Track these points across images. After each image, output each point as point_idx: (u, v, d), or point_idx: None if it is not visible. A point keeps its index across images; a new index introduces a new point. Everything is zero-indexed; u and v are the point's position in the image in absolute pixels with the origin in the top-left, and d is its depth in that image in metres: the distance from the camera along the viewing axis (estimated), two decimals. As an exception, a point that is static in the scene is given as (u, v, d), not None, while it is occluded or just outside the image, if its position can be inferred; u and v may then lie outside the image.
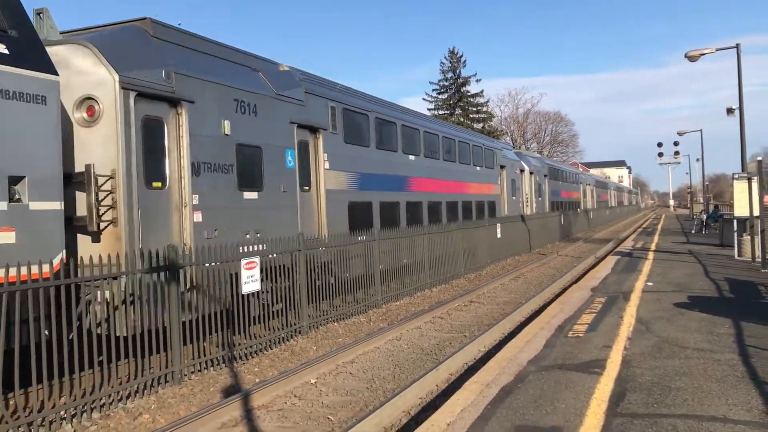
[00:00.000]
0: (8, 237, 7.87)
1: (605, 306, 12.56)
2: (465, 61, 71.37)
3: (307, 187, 14.81)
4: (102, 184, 9.59)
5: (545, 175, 41.90)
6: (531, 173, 37.70)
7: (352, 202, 16.68)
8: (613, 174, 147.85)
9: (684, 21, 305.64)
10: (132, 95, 10.02)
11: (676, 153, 74.22)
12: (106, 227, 9.69)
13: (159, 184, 10.68)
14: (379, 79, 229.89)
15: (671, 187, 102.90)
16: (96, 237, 9.70)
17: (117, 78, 9.80)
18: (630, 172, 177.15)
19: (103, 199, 9.63)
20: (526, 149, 58.51)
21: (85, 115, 9.95)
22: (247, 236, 12.14)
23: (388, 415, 7.73)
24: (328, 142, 15.58)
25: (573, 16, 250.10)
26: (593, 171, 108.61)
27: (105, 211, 9.68)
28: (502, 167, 31.83)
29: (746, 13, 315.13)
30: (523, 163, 36.63)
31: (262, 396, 8.65)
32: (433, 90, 72.16)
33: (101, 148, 9.80)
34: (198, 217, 11.07)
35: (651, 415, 6.23)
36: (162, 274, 9.42)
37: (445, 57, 72.73)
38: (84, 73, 9.89)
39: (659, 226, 48.70)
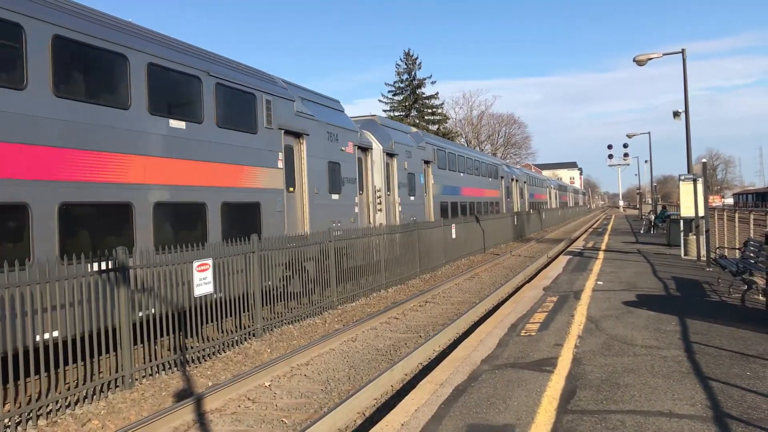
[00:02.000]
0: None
1: (557, 305, 12.78)
2: (420, 63, 71.81)
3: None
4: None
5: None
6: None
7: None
8: (565, 175, 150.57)
9: (629, 28, 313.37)
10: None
11: (626, 155, 76.13)
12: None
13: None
14: (333, 79, 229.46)
15: (621, 188, 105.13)
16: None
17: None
18: (581, 174, 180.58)
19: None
20: (481, 151, 63.00)
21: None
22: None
23: (342, 417, 7.72)
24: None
25: (525, 20, 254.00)
26: (546, 172, 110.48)
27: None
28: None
29: (690, 21, 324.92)
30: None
31: (215, 400, 8.54)
32: (389, 91, 72.28)
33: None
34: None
35: (600, 411, 6.37)
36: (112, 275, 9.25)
37: (400, 59, 73.30)
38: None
39: (609, 227, 49.80)
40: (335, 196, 18.10)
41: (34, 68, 9.17)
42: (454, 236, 26.64)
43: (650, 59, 22.95)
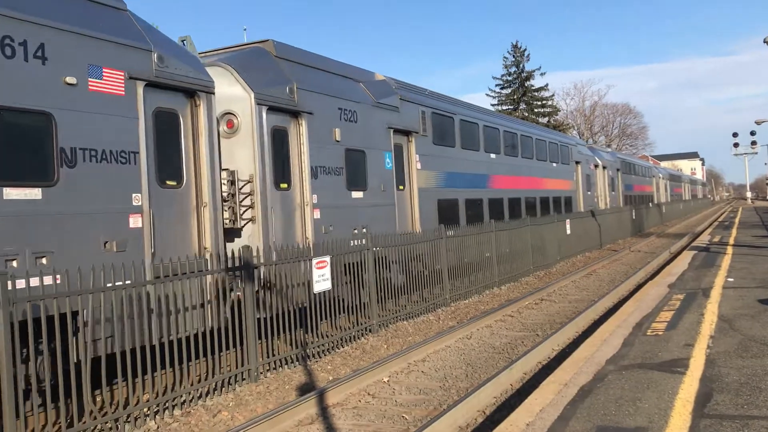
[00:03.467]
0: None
1: (684, 303, 12.12)
2: (528, 54, 70.37)
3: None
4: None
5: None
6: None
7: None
8: (686, 166, 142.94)
9: (746, 7, 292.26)
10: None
11: (753, 143, 71.13)
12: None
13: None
14: (439, 75, 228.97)
15: (748, 178, 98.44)
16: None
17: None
18: (703, 164, 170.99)
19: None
20: (594, 142, 59.67)
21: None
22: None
23: (462, 415, 7.68)
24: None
25: (636, 5, 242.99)
26: (664, 164, 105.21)
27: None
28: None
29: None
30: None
31: (336, 394, 8.73)
32: (497, 85, 71.43)
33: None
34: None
35: (741, 416, 5.96)
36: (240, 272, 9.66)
37: (508, 51, 72.05)
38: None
39: (736, 220, 46.71)
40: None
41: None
42: (568, 232, 25.88)
43: (783, 39, 21.33)
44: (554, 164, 29.05)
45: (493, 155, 22.11)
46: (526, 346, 11.44)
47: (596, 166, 36.54)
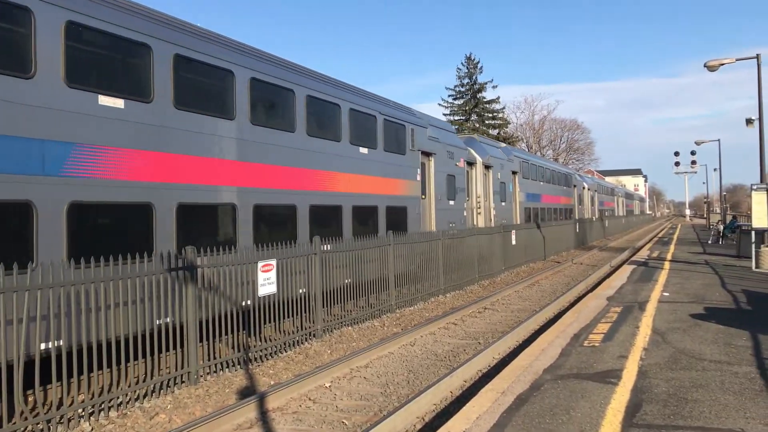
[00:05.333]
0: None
1: (621, 315, 12.49)
2: (481, 67, 71.44)
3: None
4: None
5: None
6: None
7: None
8: (629, 182, 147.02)
9: (694, 32, 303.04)
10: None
11: (693, 162, 73.41)
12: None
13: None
14: (394, 84, 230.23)
15: (688, 196, 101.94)
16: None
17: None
18: (646, 181, 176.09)
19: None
20: (542, 156, 63.15)
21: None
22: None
23: (402, 421, 7.75)
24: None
25: (587, 24, 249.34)
26: (609, 179, 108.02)
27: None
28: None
29: (762, 25, 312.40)
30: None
31: (277, 398, 8.70)
32: (449, 96, 72.15)
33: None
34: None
35: (667, 426, 6.20)
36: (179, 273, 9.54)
37: (461, 63, 73.14)
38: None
39: (675, 236, 48.31)
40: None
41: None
42: (514, 242, 26.34)
43: (722, 65, 22.23)
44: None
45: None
46: (468, 354, 11.61)
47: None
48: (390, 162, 18.31)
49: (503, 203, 29.80)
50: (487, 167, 27.45)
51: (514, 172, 31.94)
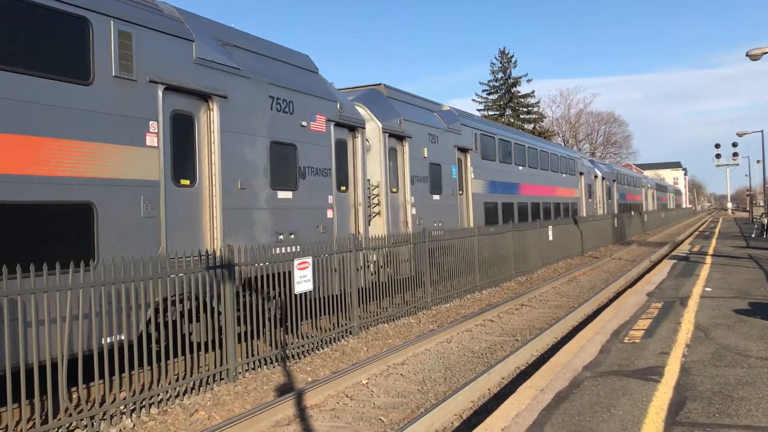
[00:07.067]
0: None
1: (662, 311, 12.25)
2: (516, 61, 70.62)
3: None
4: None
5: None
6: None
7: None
8: (668, 176, 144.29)
9: (732, 23, 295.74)
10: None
11: (735, 155, 71.91)
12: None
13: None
14: (426, 80, 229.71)
15: (729, 189, 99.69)
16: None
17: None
18: (686, 174, 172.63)
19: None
20: (579, 150, 59.71)
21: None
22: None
23: (439, 418, 7.71)
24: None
25: (623, 14, 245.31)
26: (647, 173, 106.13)
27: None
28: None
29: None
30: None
31: (314, 395, 8.73)
32: (483, 90, 71.64)
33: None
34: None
35: (713, 425, 6.05)
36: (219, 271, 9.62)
37: (495, 57, 72.19)
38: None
39: (716, 230, 47.26)
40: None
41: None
42: (550, 238, 26.05)
43: (766, 53, 21.64)
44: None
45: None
46: (505, 350, 11.51)
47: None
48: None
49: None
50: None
51: (462, 149, 21.12)
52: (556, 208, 31.75)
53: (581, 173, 37.09)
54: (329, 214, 13.46)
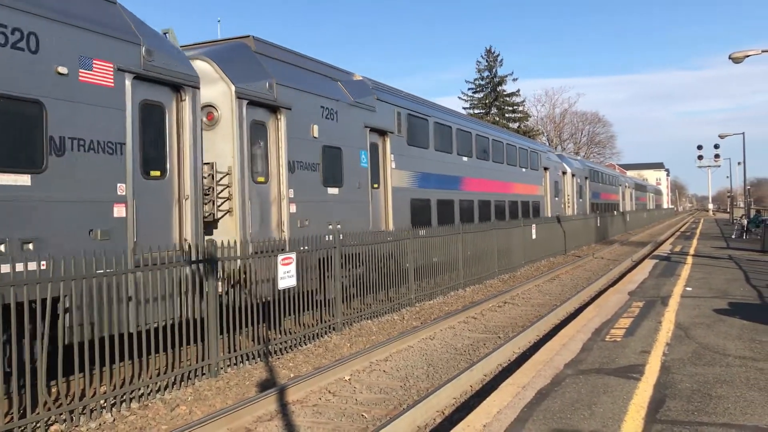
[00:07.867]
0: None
1: (643, 310, 12.36)
2: (501, 60, 70.88)
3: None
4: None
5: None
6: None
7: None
8: (651, 176, 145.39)
9: (720, 24, 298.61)
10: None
11: (716, 156, 72.84)
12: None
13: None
14: (415, 78, 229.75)
15: (711, 190, 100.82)
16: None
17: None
18: (668, 175, 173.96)
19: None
20: (563, 149, 58.39)
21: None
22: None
23: (421, 414, 7.73)
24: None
25: (609, 16, 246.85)
26: (630, 173, 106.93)
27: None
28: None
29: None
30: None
31: (296, 391, 8.72)
32: (469, 89, 71.86)
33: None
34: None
35: (692, 422, 6.11)
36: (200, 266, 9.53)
37: (481, 56, 72.69)
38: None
39: (698, 230, 47.75)
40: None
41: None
42: (534, 236, 26.17)
43: (748, 56, 21.86)
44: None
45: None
46: (488, 348, 11.55)
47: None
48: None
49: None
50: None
51: (379, 131, 16.81)
52: (512, 207, 27.17)
53: (546, 168, 32.70)
54: (118, 212, 8.98)
